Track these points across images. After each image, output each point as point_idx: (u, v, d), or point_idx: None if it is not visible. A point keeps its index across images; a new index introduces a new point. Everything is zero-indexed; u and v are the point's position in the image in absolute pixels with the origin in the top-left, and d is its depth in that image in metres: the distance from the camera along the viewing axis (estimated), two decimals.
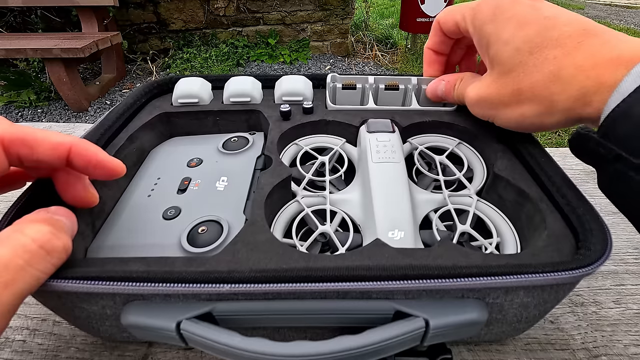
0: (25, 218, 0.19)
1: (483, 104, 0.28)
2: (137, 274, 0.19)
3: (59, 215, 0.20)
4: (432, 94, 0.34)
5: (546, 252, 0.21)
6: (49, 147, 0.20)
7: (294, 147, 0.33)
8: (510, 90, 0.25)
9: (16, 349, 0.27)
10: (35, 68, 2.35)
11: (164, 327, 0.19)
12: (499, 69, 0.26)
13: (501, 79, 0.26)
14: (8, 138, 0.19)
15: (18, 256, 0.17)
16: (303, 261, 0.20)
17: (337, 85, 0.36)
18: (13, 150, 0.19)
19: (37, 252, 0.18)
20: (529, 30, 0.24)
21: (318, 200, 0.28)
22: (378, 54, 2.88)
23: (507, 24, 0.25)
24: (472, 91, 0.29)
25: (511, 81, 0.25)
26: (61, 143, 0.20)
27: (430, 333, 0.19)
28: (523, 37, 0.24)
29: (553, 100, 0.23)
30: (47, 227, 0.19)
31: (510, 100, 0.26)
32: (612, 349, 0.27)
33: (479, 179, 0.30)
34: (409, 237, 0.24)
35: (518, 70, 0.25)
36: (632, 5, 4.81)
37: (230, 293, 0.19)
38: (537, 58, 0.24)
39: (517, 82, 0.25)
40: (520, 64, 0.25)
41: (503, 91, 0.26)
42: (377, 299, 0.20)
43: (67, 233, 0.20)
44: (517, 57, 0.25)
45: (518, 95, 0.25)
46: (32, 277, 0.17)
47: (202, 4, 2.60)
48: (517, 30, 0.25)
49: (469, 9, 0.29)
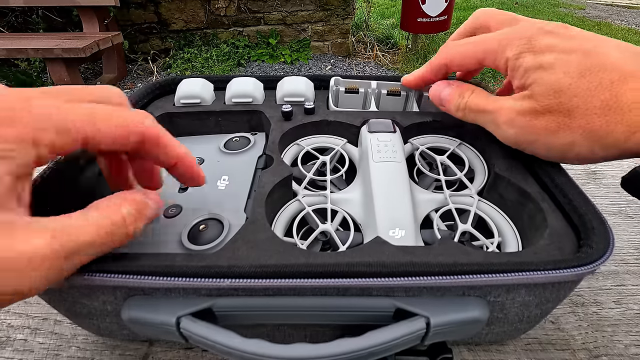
0: (126, 195, 0.19)
1: (523, 128, 0.25)
2: (138, 267, 0.19)
3: (150, 199, 0.20)
4: (435, 95, 0.32)
5: (548, 251, 0.21)
6: (170, 155, 0.21)
7: (295, 147, 0.33)
8: (557, 116, 0.23)
9: (17, 347, 0.27)
10: (37, 68, 2.36)
11: (164, 322, 0.19)
12: (542, 90, 0.23)
13: (545, 103, 0.23)
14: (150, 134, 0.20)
15: (99, 234, 0.17)
16: (303, 258, 0.20)
17: (340, 88, 0.37)
18: (147, 148, 0.20)
19: (113, 234, 0.17)
20: (577, 54, 0.23)
21: (319, 200, 0.28)
22: (379, 54, 2.88)
23: (548, 52, 0.24)
24: (507, 110, 0.25)
25: (558, 106, 0.23)
26: (174, 156, 0.21)
27: (431, 331, 0.19)
28: (572, 59, 0.23)
29: (608, 131, 0.21)
30: (135, 212, 0.19)
31: (556, 127, 0.23)
32: (613, 349, 0.27)
33: (480, 179, 0.30)
34: (409, 235, 0.24)
35: (567, 95, 0.22)
36: (633, 6, 4.81)
37: (230, 288, 0.19)
38: (590, 82, 0.22)
39: (565, 108, 0.22)
40: (569, 87, 0.22)
41: (548, 116, 0.23)
42: (378, 296, 0.20)
43: (144, 221, 0.20)
44: (566, 80, 0.22)
45: (566, 123, 0.23)
46: (91, 256, 0.17)
47: (203, 4, 2.61)
48: (562, 54, 0.23)
49: (494, 46, 0.26)
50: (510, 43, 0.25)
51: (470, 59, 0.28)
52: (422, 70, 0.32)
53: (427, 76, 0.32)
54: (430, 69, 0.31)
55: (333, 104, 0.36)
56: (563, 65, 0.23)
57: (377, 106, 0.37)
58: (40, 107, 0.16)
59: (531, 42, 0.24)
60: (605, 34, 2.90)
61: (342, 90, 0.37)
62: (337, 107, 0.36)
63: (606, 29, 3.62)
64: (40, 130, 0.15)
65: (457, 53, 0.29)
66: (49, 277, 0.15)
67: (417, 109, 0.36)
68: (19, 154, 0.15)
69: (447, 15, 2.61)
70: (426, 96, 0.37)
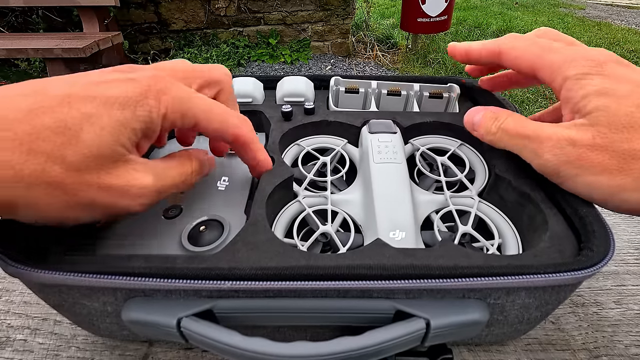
0: (193, 153, 0.25)
1: (570, 160, 0.22)
2: (139, 269, 0.19)
3: (208, 160, 0.26)
4: (468, 120, 0.28)
5: (548, 253, 0.21)
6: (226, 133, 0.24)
7: (295, 148, 0.33)
8: (619, 153, 0.20)
9: (17, 348, 0.27)
10: (37, 68, 2.36)
11: (164, 323, 0.19)
12: (607, 121, 0.21)
13: (609, 136, 0.21)
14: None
15: (179, 179, 0.23)
16: (304, 260, 0.20)
17: (341, 88, 0.37)
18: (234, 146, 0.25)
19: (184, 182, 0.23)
20: None
21: (319, 201, 0.28)
22: (379, 54, 2.88)
23: (622, 81, 0.22)
24: (556, 138, 0.23)
25: (623, 142, 0.20)
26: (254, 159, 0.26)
27: (431, 333, 0.19)
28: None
29: None
30: (198, 168, 0.24)
31: (612, 167, 0.21)
32: (613, 349, 0.27)
33: (480, 180, 0.30)
34: (410, 237, 0.24)
35: (637, 132, 0.20)
36: (634, 6, 4.81)
37: (231, 290, 0.19)
38: None
39: (632, 147, 0.20)
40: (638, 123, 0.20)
41: (610, 152, 0.21)
42: (378, 298, 0.20)
43: (201, 176, 0.25)
44: (639, 116, 0.20)
45: (628, 164, 0.20)
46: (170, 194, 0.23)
47: (203, 4, 2.61)
48: (638, 87, 0.21)
49: (557, 60, 0.24)
50: (575, 61, 0.23)
51: (527, 62, 0.25)
52: (474, 43, 0.29)
53: (474, 51, 0.29)
54: (482, 46, 0.28)
55: (333, 104, 0.36)
56: (638, 98, 0.21)
57: (378, 106, 0.37)
58: (177, 91, 0.21)
59: (602, 67, 0.22)
60: (605, 34, 2.88)
61: (342, 90, 0.37)
62: (337, 107, 0.36)
63: (606, 29, 3.61)
64: (171, 112, 0.20)
65: (519, 47, 0.26)
66: (148, 203, 0.21)
67: (417, 109, 0.36)
68: (155, 118, 0.20)
69: (447, 15, 2.60)
70: (426, 96, 0.37)
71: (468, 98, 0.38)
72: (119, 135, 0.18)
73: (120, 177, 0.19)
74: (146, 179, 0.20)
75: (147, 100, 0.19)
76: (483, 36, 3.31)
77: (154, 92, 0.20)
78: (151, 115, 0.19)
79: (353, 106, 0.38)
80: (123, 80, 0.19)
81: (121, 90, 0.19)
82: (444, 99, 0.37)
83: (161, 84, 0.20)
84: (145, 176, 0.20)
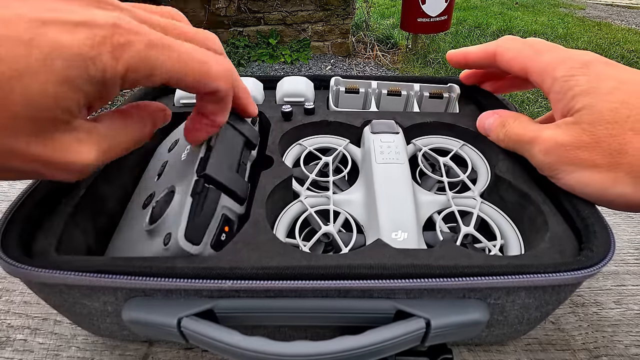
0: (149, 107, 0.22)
1: (560, 158, 0.23)
2: (139, 268, 0.19)
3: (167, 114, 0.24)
4: (480, 125, 0.30)
5: (548, 254, 0.21)
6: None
7: (297, 148, 0.33)
8: (605, 149, 0.21)
9: (17, 348, 0.27)
10: None
11: (165, 323, 0.19)
12: (592, 119, 0.22)
13: (594, 133, 0.21)
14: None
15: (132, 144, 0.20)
16: (304, 259, 0.20)
17: (341, 88, 0.37)
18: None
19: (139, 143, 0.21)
20: (636, 86, 0.21)
21: (321, 201, 0.28)
22: (379, 54, 2.88)
23: (606, 79, 0.22)
24: (545, 139, 0.24)
25: (608, 139, 0.21)
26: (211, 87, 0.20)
27: (431, 333, 0.19)
28: (633, 89, 0.21)
29: None
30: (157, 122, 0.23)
31: (602, 162, 0.21)
32: (613, 349, 0.27)
33: (482, 181, 0.30)
34: (412, 238, 0.24)
35: (622, 127, 0.21)
36: (634, 6, 4.81)
37: (231, 290, 0.19)
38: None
39: (617, 142, 0.21)
40: (627, 120, 0.21)
41: (596, 149, 0.21)
42: (379, 298, 0.20)
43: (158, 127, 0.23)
44: (624, 112, 0.21)
45: (616, 159, 0.21)
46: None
47: (203, 4, 2.60)
48: (621, 84, 0.22)
49: (548, 62, 0.25)
50: (563, 63, 0.24)
51: (520, 64, 0.26)
52: (472, 47, 0.30)
53: (472, 54, 0.30)
54: (480, 49, 0.29)
55: (333, 104, 0.36)
56: (622, 94, 0.21)
57: (378, 106, 0.37)
58: (141, 44, 0.16)
59: (588, 67, 0.23)
60: (605, 34, 2.87)
61: (342, 90, 0.37)
62: (337, 108, 0.36)
63: (606, 29, 3.62)
64: (132, 71, 0.16)
65: (513, 49, 0.27)
66: (88, 174, 0.18)
67: (417, 109, 0.36)
68: (109, 78, 0.16)
69: (447, 15, 2.60)
70: (426, 96, 0.37)
71: (468, 98, 0.38)
72: (62, 97, 0.15)
73: (57, 151, 0.16)
74: (90, 155, 0.17)
75: (100, 57, 0.15)
76: (483, 36, 3.30)
77: (110, 46, 0.15)
78: (105, 75, 0.16)
79: (353, 106, 0.38)
80: (76, 23, 0.15)
81: (70, 38, 0.15)
82: (444, 99, 0.37)
83: (122, 37, 0.16)
84: (90, 150, 0.17)
